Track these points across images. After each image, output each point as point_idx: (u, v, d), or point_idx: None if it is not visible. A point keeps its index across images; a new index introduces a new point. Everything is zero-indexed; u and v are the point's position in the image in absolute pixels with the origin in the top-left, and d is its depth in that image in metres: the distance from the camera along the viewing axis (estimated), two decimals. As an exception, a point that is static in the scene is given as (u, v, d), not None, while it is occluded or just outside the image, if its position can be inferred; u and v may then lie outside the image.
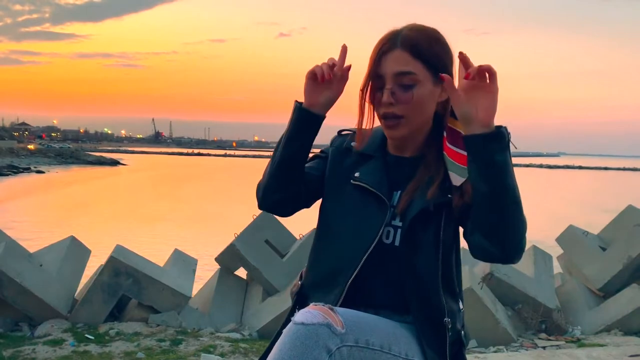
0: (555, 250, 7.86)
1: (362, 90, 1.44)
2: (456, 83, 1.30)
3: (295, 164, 1.45)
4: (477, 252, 1.33)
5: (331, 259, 1.47)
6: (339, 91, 1.44)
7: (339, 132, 1.60)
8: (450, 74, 1.36)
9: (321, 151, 1.60)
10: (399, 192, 1.46)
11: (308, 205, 1.57)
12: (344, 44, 1.41)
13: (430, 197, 1.38)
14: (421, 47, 1.37)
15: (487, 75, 1.23)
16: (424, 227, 1.40)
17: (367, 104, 1.45)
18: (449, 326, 1.40)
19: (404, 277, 1.41)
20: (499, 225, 1.25)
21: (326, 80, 1.40)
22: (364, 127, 1.49)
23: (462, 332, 1.47)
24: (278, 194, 1.47)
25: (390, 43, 1.38)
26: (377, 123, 1.48)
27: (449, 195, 1.38)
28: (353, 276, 1.40)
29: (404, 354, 1.33)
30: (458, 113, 1.28)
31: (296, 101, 1.44)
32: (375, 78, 1.41)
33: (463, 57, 1.25)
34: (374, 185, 1.44)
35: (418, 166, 1.45)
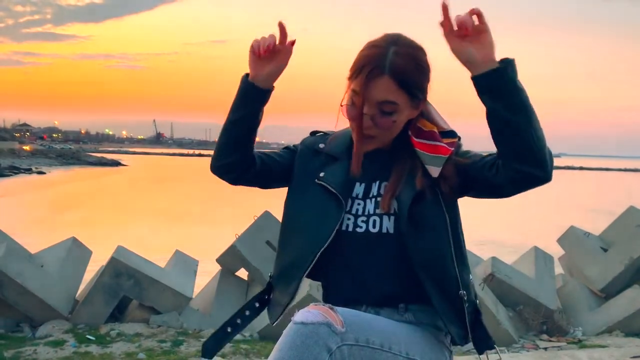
0: (557, 251, 7.86)
1: (342, 106, 1.46)
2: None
3: (239, 131, 1.48)
4: (516, 184, 1.34)
5: (290, 253, 1.51)
6: (282, 64, 1.44)
7: (312, 132, 1.65)
8: (426, 93, 1.44)
9: (293, 145, 1.64)
10: (378, 182, 1.49)
11: (263, 185, 1.60)
12: (280, 21, 1.40)
13: (420, 186, 1.42)
14: (407, 77, 1.39)
15: (475, 18, 1.27)
16: (422, 209, 1.42)
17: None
18: (465, 298, 1.44)
19: (401, 263, 1.43)
20: (535, 145, 1.29)
21: (267, 55, 1.40)
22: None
23: (477, 301, 1.52)
24: (224, 159, 1.51)
25: (379, 68, 1.38)
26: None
27: (435, 176, 1.42)
28: (308, 270, 1.44)
29: (404, 352, 1.34)
30: (462, 59, 1.31)
31: (246, 73, 1.47)
32: (356, 95, 1.41)
33: (445, 8, 1.27)
34: (335, 186, 1.48)
35: (392, 155, 1.49)
